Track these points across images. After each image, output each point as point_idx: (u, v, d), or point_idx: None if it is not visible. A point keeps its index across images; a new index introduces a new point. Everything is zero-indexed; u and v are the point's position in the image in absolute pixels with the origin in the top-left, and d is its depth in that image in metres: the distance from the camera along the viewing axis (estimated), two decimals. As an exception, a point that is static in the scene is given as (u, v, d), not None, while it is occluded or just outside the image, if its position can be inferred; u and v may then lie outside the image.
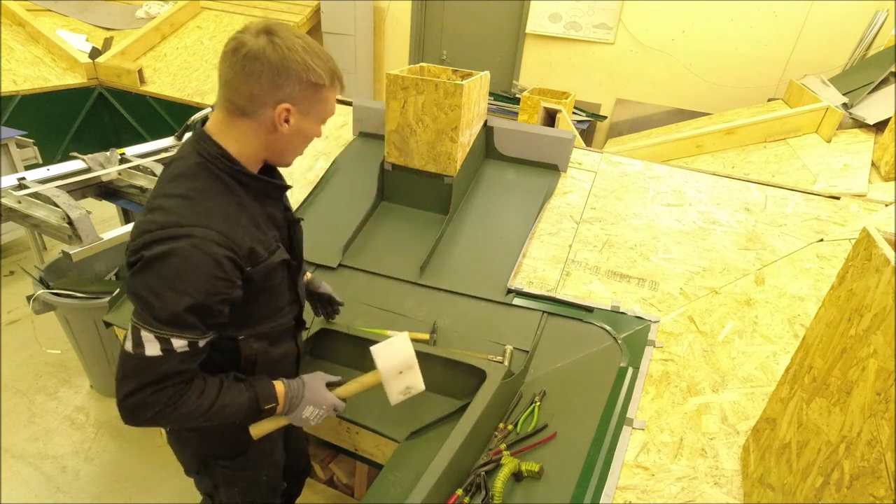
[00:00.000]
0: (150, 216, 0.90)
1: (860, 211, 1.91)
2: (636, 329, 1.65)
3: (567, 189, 2.13)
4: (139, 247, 0.88)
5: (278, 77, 0.90)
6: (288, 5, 5.40)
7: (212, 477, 1.26)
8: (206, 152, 0.95)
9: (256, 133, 0.96)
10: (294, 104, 0.94)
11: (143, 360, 0.89)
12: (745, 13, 4.32)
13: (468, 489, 1.24)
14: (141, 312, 0.89)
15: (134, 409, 0.91)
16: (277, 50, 0.89)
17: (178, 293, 0.87)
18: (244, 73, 0.90)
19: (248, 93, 0.91)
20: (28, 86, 4.26)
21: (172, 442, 1.28)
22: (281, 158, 1.04)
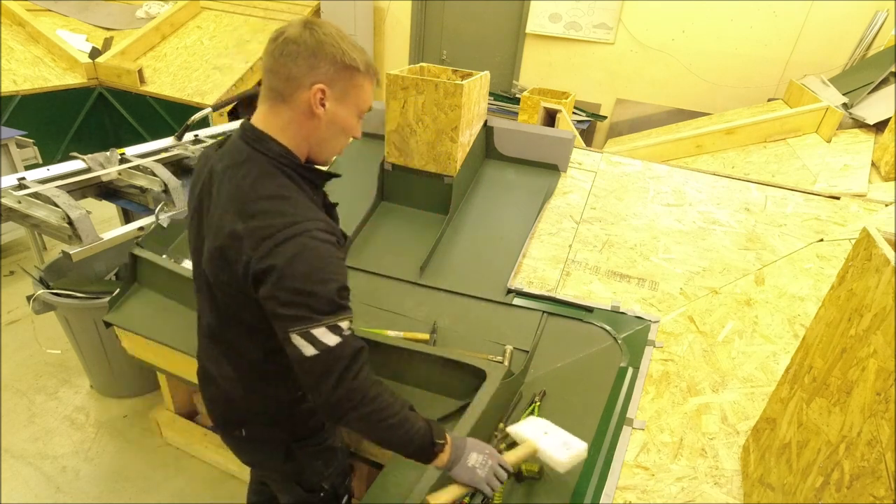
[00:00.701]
0: (259, 223, 0.92)
1: (860, 211, 1.91)
2: (636, 329, 1.65)
3: (567, 189, 2.13)
4: (266, 253, 0.90)
5: (313, 58, 0.94)
6: (288, 5, 5.40)
7: (297, 460, 1.27)
8: (269, 151, 0.98)
9: (297, 121, 0.98)
10: (328, 86, 0.96)
11: (328, 353, 0.92)
12: (745, 13, 4.32)
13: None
14: (300, 316, 0.90)
15: (341, 400, 0.94)
16: (314, 34, 0.94)
17: (324, 282, 0.91)
18: (283, 56, 0.94)
19: (286, 75, 0.95)
20: (28, 86, 4.26)
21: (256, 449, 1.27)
22: (320, 150, 1.05)
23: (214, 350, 1.18)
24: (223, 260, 0.96)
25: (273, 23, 5.26)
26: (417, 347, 1.56)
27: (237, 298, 1.01)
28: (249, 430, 1.22)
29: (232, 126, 3.39)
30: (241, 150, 1.00)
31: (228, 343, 1.13)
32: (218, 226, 0.97)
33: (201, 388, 1.28)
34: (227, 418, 1.24)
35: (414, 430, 1.02)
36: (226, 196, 0.97)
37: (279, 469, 1.30)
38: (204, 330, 1.19)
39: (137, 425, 2.47)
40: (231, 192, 0.97)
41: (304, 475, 1.31)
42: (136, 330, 1.86)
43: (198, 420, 2.39)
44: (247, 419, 1.21)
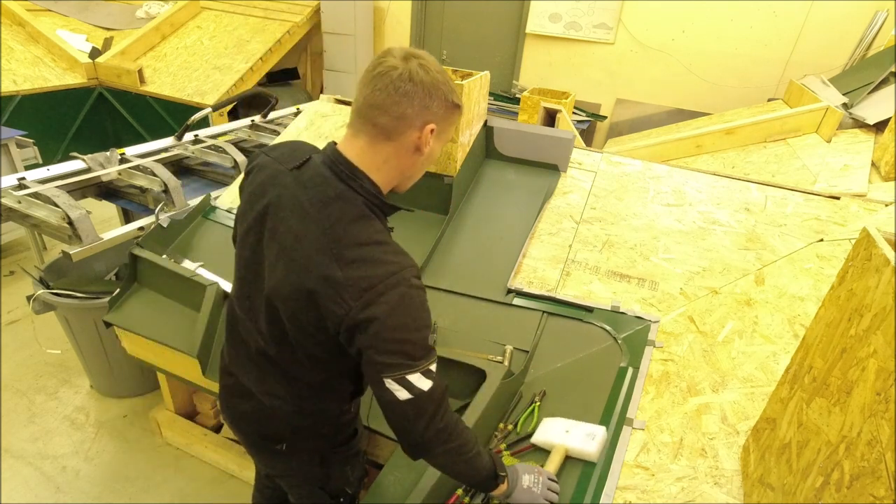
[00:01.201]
0: (360, 273, 0.90)
1: (860, 211, 1.91)
2: (636, 329, 1.65)
3: (567, 189, 2.13)
4: (366, 305, 0.89)
5: (428, 98, 0.93)
6: (288, 5, 5.40)
7: (329, 466, 1.28)
8: (362, 190, 0.96)
9: (398, 157, 0.97)
10: (437, 124, 0.97)
11: (422, 396, 0.93)
12: (745, 13, 4.32)
13: (468, 489, 1.24)
14: (398, 363, 0.91)
15: (432, 440, 0.97)
16: (429, 73, 0.93)
17: (419, 329, 0.93)
18: (397, 94, 0.91)
19: (398, 113, 0.92)
20: (28, 86, 4.26)
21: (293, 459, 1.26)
22: (407, 184, 1.06)
23: (262, 371, 1.14)
24: (311, 302, 0.93)
25: (273, 23, 5.26)
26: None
27: (315, 337, 1.00)
28: (291, 444, 1.21)
29: (232, 126, 3.39)
30: (331, 185, 0.95)
31: (284, 367, 1.10)
32: (306, 265, 0.93)
33: (231, 402, 1.24)
34: (266, 434, 1.21)
35: (483, 464, 1.06)
36: (315, 233, 0.93)
37: (310, 474, 1.29)
38: (251, 351, 1.14)
39: (137, 425, 2.47)
40: (324, 233, 0.92)
41: (332, 480, 1.31)
42: (136, 330, 1.86)
43: (198, 420, 2.39)
44: (290, 434, 1.19)
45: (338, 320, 0.91)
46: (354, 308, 0.89)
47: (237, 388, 1.20)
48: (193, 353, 1.69)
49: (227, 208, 2.23)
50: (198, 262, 1.97)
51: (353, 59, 5.53)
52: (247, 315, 1.12)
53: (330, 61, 5.63)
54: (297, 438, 1.20)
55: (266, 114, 3.52)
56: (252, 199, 1.05)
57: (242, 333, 1.15)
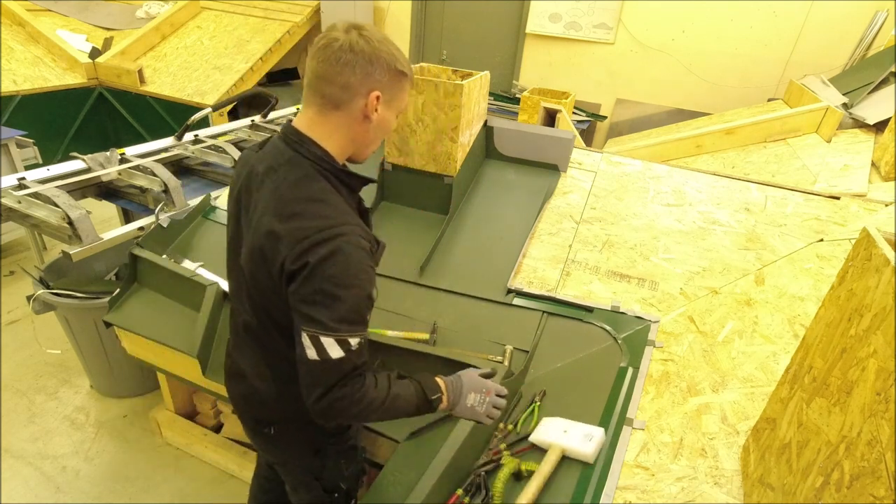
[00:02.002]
0: (297, 224, 0.94)
1: (860, 211, 1.91)
2: (636, 329, 1.65)
3: (567, 189, 2.13)
4: (301, 252, 0.92)
5: (370, 65, 0.97)
6: (288, 5, 5.40)
7: (323, 458, 1.29)
8: (312, 156, 1.00)
9: (348, 125, 1.01)
10: (382, 91, 1.00)
11: (328, 363, 0.95)
12: (745, 13, 4.32)
13: (468, 489, 1.24)
14: (317, 319, 0.93)
15: (326, 409, 0.97)
16: (369, 42, 0.97)
17: (349, 288, 0.93)
18: (339, 64, 0.95)
19: (342, 83, 0.97)
20: (28, 86, 4.26)
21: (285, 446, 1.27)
22: (362, 152, 1.09)
23: (250, 347, 1.18)
24: (261, 259, 0.98)
25: (273, 23, 5.26)
26: (417, 347, 1.56)
27: (272, 299, 1.03)
28: (279, 429, 1.23)
29: (232, 126, 3.39)
30: (282, 152, 1.02)
31: (265, 342, 1.13)
32: (257, 226, 0.99)
33: (228, 384, 1.28)
34: (256, 416, 1.24)
35: (407, 401, 1.07)
36: (265, 197, 0.99)
37: (305, 466, 1.30)
38: (240, 327, 1.19)
39: (137, 425, 2.47)
40: (270, 193, 0.99)
41: (327, 473, 1.32)
42: (136, 330, 1.86)
43: (198, 420, 2.39)
44: (277, 418, 1.21)
45: (279, 271, 0.95)
46: (289, 257, 0.93)
47: (234, 370, 1.24)
48: (193, 353, 1.69)
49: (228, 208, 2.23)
50: (198, 262, 1.97)
51: (353, 59, 5.52)
52: (235, 294, 1.18)
53: (330, 61, 5.62)
54: (285, 423, 1.21)
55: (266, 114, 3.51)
56: (231, 189, 1.14)
57: (232, 311, 1.20)
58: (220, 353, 1.74)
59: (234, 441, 2.26)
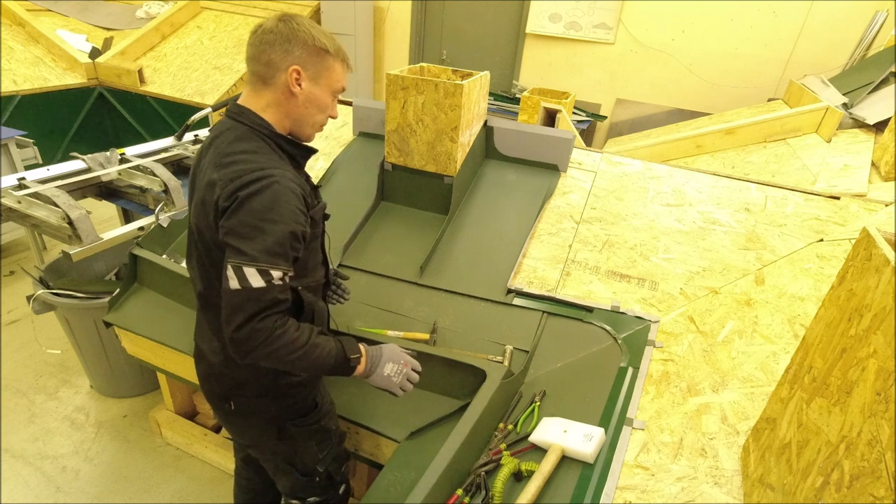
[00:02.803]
0: (231, 168, 1.03)
1: (860, 211, 1.91)
2: (636, 329, 1.65)
3: (567, 189, 2.13)
4: (233, 190, 1.00)
5: (288, 43, 1.07)
6: (288, 5, 5.40)
7: (290, 441, 1.31)
8: (249, 121, 1.10)
9: (278, 100, 1.11)
10: (303, 68, 1.09)
11: (249, 292, 0.99)
12: (745, 13, 4.32)
13: (468, 489, 1.24)
14: (241, 249, 0.99)
15: (245, 339, 1.01)
16: (288, 24, 1.08)
17: (274, 223, 1.00)
18: (262, 44, 1.07)
19: (265, 60, 1.08)
20: (28, 86, 4.26)
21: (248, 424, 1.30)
22: (301, 127, 1.15)
23: (204, 323, 1.25)
24: (202, 210, 1.06)
25: (273, 23, 5.27)
26: (417, 347, 1.56)
27: (213, 251, 1.09)
28: (237, 403, 1.26)
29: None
30: (227, 124, 1.12)
31: (215, 309, 1.14)
32: (200, 185, 1.08)
33: (196, 367, 1.33)
34: (215, 392, 1.28)
35: (326, 353, 1.11)
36: (208, 160, 1.09)
37: (273, 449, 1.33)
38: (197, 304, 1.25)
39: (137, 425, 2.47)
40: (212, 155, 1.09)
41: (298, 456, 1.34)
42: (136, 330, 1.86)
43: (198, 420, 2.39)
44: (233, 392, 1.25)
45: (214, 214, 1.02)
46: (222, 196, 1.01)
47: (197, 352, 1.30)
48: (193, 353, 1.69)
49: (227, 208, 2.23)
50: (198, 262, 1.97)
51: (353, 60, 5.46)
52: (190, 265, 1.23)
53: (330, 61, 5.62)
54: (241, 398, 1.24)
55: (266, 114, 3.51)
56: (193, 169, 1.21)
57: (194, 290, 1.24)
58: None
59: (234, 441, 2.26)
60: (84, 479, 2.21)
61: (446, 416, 1.49)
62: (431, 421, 1.48)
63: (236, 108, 1.13)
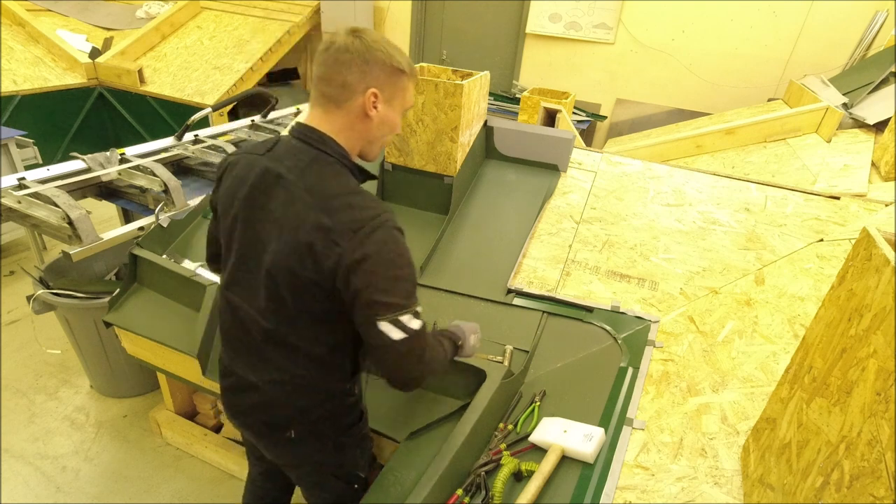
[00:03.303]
0: (348, 215, 0.99)
1: (860, 211, 1.91)
2: (636, 329, 1.65)
3: (567, 189, 2.13)
4: (358, 245, 0.97)
5: (365, 64, 1.02)
6: (288, 5, 5.40)
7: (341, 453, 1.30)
8: (332, 151, 1.06)
9: (351, 123, 1.06)
10: (380, 90, 1.04)
11: (413, 337, 1.02)
12: (745, 13, 4.32)
13: (468, 489, 1.24)
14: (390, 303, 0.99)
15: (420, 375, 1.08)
16: (364, 42, 1.02)
17: (407, 266, 1.02)
18: (336, 64, 1.01)
19: (340, 82, 1.02)
20: (28, 86, 4.26)
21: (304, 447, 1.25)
22: (370, 149, 1.13)
23: (264, 356, 1.15)
24: (309, 255, 0.99)
25: (273, 23, 5.26)
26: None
27: (312, 292, 1.04)
28: (299, 430, 1.21)
29: (232, 126, 3.39)
30: (304, 152, 1.05)
31: (289, 344, 1.11)
32: (296, 224, 1.00)
33: (234, 399, 1.24)
34: (274, 423, 1.20)
35: (447, 349, 1.24)
36: (302, 196, 1.01)
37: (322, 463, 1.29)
38: (251, 338, 1.14)
39: (137, 425, 2.47)
40: (309, 192, 1.01)
41: (345, 466, 1.33)
42: (136, 330, 1.86)
43: (198, 420, 2.39)
44: (296, 419, 1.19)
45: (334, 264, 0.98)
46: (347, 249, 0.97)
47: (240, 385, 1.21)
48: (193, 353, 1.69)
49: (227, 208, 2.23)
50: (198, 262, 1.97)
51: (353, 59, 5.52)
52: (245, 300, 1.13)
53: (330, 61, 5.63)
54: (305, 422, 1.20)
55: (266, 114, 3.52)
56: (233, 191, 1.11)
57: (242, 322, 1.15)
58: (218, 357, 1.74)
59: (234, 441, 2.26)
60: (84, 479, 2.21)
61: (446, 416, 1.49)
62: (431, 421, 1.48)
63: (312, 133, 1.06)
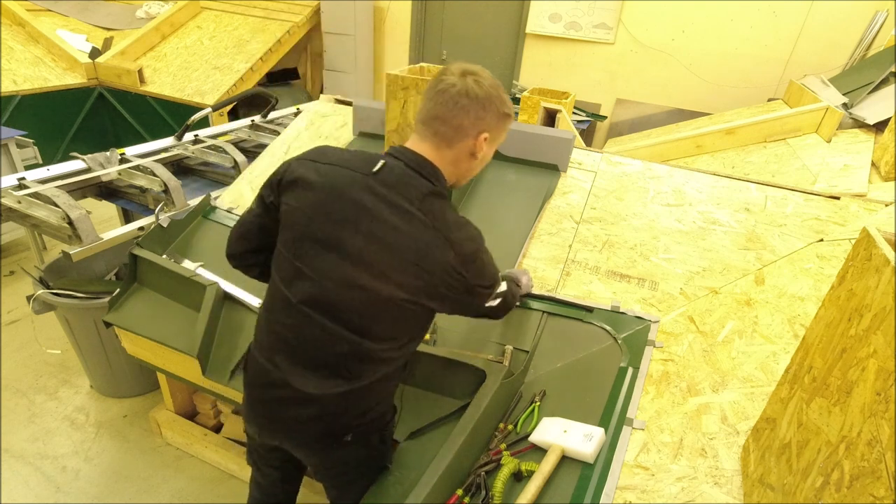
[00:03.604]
0: (466, 248, 1.11)
1: (860, 211, 1.91)
2: (636, 329, 1.65)
3: (567, 189, 2.13)
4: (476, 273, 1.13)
5: (482, 110, 1.10)
6: (288, 5, 5.40)
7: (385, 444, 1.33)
8: (441, 186, 1.14)
9: (458, 160, 1.15)
10: (490, 133, 1.13)
11: (506, 298, 1.29)
12: (745, 13, 4.32)
13: (468, 489, 1.24)
14: (490, 286, 1.20)
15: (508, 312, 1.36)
16: (482, 87, 1.10)
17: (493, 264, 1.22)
18: (455, 108, 1.09)
19: (456, 125, 1.10)
20: (28, 86, 4.27)
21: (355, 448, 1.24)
22: (463, 181, 1.24)
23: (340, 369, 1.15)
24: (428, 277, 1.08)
25: (273, 23, 5.27)
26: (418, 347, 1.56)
27: (413, 306, 1.12)
28: (356, 433, 1.21)
29: (232, 126, 3.39)
30: (421, 183, 1.11)
31: (374, 356, 1.15)
32: (416, 249, 1.07)
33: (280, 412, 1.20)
34: (332, 431, 1.19)
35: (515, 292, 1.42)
36: (422, 224, 1.07)
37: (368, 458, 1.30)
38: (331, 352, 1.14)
39: (137, 425, 2.47)
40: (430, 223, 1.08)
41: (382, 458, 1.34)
42: (136, 330, 1.86)
43: (198, 420, 2.39)
44: (355, 421, 1.20)
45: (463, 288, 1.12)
46: (468, 277, 1.11)
47: (295, 397, 1.17)
48: (193, 353, 1.69)
49: (227, 208, 2.23)
50: (198, 262, 1.97)
51: (353, 59, 5.53)
52: (330, 316, 1.12)
53: (330, 61, 5.63)
54: (362, 424, 1.21)
55: (266, 114, 3.52)
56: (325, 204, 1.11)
57: (319, 338, 1.14)
58: (220, 354, 1.74)
59: (234, 441, 2.26)
60: (84, 479, 2.21)
61: (446, 416, 1.49)
62: (431, 421, 1.48)
63: (426, 164, 1.12)
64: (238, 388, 1.63)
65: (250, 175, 2.37)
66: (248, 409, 1.27)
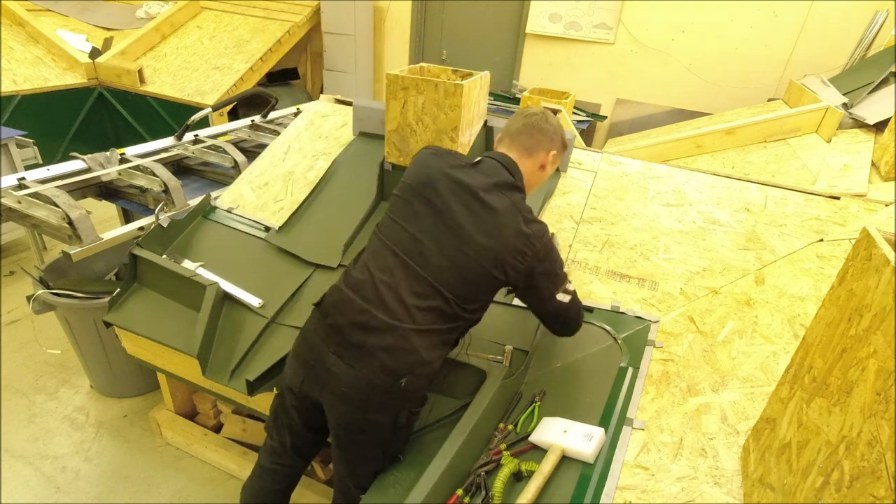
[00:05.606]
0: (536, 228, 1.36)
1: (860, 211, 1.91)
2: (636, 329, 1.65)
3: (567, 189, 2.13)
4: (540, 254, 1.35)
5: (556, 134, 1.51)
6: (288, 5, 5.40)
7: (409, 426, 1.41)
8: (522, 186, 1.45)
9: (533, 169, 1.49)
10: (557, 152, 1.51)
11: (574, 299, 1.45)
12: (745, 13, 4.32)
13: (468, 489, 1.24)
14: (558, 280, 1.40)
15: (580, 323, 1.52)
16: (553, 122, 1.51)
17: (558, 259, 1.43)
18: (539, 132, 1.48)
19: (536, 139, 1.48)
20: (28, 86, 4.26)
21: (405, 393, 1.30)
22: (531, 188, 1.52)
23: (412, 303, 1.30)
24: (508, 251, 1.32)
25: (273, 23, 5.27)
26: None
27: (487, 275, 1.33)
28: (410, 379, 1.28)
29: (232, 126, 3.39)
30: (506, 175, 1.41)
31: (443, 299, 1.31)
32: (505, 223, 1.33)
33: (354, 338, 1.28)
34: (394, 367, 1.26)
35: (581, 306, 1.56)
36: (507, 205, 1.35)
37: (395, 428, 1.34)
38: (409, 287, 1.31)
39: (137, 425, 2.47)
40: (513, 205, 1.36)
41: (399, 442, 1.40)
42: (136, 330, 1.86)
43: (198, 420, 2.39)
44: (413, 370, 1.28)
45: (523, 260, 1.33)
46: (534, 256, 1.34)
47: (371, 324, 1.28)
48: (193, 353, 1.69)
49: (227, 208, 2.22)
50: (198, 262, 1.97)
51: (353, 60, 5.53)
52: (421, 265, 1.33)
53: (330, 61, 5.63)
54: (415, 375, 1.29)
55: (266, 114, 3.52)
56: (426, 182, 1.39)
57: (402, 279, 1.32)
58: (219, 353, 1.74)
59: (234, 441, 2.26)
60: (84, 479, 2.21)
61: (446, 416, 1.49)
62: (431, 421, 1.48)
63: (514, 165, 1.44)
64: (238, 388, 1.63)
65: (250, 175, 2.37)
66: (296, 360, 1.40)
